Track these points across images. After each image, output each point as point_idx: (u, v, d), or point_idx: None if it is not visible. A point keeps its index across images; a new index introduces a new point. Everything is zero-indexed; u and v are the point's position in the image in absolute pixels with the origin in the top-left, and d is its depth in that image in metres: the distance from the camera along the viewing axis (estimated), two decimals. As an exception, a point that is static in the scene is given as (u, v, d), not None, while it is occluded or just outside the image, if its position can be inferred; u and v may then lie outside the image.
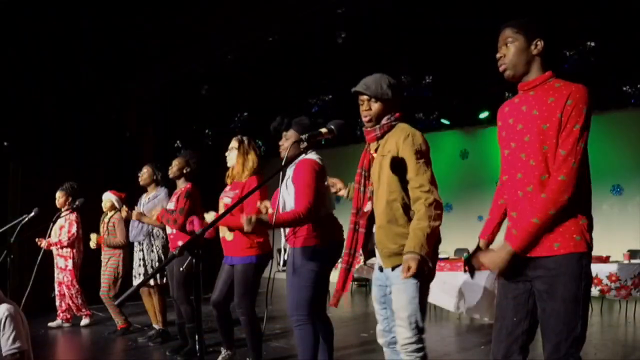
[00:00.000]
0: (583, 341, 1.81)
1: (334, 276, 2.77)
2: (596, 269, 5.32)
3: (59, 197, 5.62)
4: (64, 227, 5.56)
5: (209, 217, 3.42)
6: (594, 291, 5.37)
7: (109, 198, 5.39)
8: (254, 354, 3.57)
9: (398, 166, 2.24)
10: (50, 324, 5.66)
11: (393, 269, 2.25)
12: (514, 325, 1.91)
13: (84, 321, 5.74)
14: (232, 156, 3.63)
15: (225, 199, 3.56)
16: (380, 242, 2.29)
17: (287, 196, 2.88)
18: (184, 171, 4.27)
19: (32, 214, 3.91)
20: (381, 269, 2.37)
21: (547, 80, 1.89)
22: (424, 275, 2.15)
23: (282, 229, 2.97)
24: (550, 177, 1.80)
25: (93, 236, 5.29)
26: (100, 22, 6.62)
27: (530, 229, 1.80)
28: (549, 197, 1.78)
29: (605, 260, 5.53)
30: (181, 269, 4.02)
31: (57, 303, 5.70)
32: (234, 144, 3.64)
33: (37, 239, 5.26)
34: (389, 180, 2.25)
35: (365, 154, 2.44)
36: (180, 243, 3.41)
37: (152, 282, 4.75)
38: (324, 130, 2.17)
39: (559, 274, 1.79)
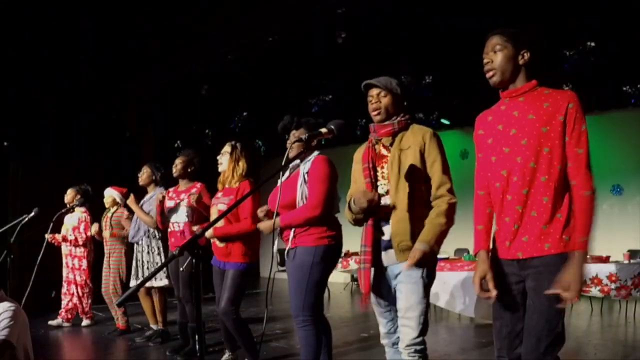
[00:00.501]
0: (563, 341, 1.85)
1: (334, 276, 2.77)
2: (596, 269, 5.33)
3: (69, 193, 5.66)
4: (77, 228, 5.58)
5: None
6: (594, 291, 5.37)
7: (110, 194, 5.40)
8: (250, 355, 3.55)
9: (423, 161, 2.28)
10: (50, 322, 5.66)
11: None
12: (513, 322, 1.95)
13: (85, 322, 5.74)
14: (223, 161, 3.63)
15: (220, 205, 3.51)
16: (399, 235, 2.24)
17: (306, 192, 2.85)
18: (189, 170, 4.27)
19: (32, 214, 3.91)
20: (385, 269, 2.33)
21: (534, 87, 1.96)
22: (427, 266, 2.22)
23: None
24: (578, 175, 1.85)
25: (95, 225, 5.37)
26: (100, 22, 6.63)
27: (591, 225, 1.84)
28: (588, 191, 1.83)
29: (605, 260, 5.53)
30: (181, 269, 4.02)
31: (64, 302, 5.71)
32: (226, 148, 3.64)
33: (46, 235, 5.21)
34: (414, 174, 2.25)
35: (369, 150, 2.40)
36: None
37: (154, 283, 4.75)
38: (324, 130, 2.18)
39: (547, 272, 1.83)
